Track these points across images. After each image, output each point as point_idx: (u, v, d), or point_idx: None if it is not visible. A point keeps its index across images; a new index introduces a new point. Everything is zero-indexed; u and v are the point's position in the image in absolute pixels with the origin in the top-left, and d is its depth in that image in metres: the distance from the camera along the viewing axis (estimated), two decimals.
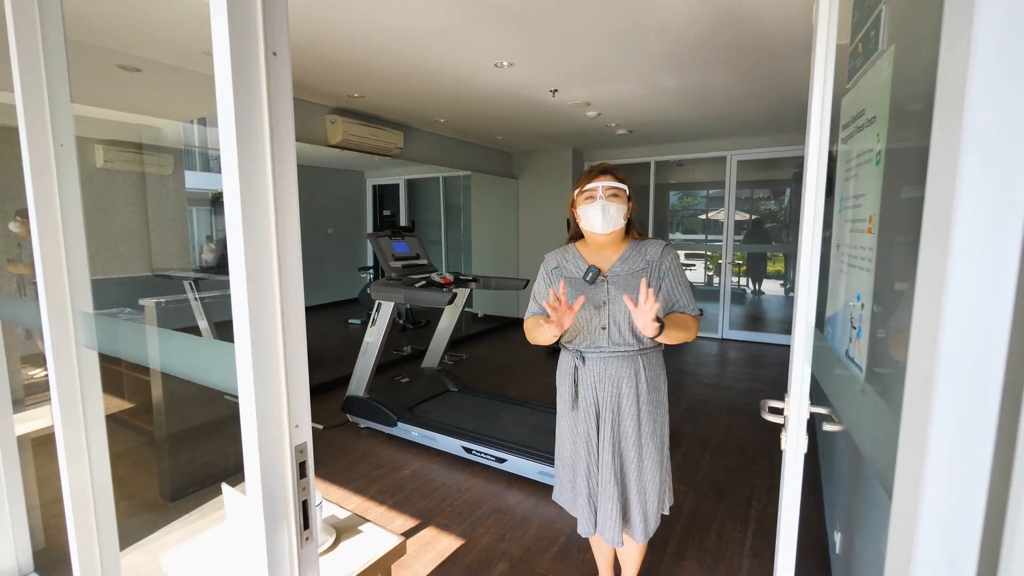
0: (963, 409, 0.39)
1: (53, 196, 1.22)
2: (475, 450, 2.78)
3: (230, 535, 1.25)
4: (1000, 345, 0.36)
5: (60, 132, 1.21)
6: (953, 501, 0.40)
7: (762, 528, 2.22)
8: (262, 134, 0.71)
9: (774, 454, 2.97)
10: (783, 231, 6.75)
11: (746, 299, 7.35)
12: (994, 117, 0.36)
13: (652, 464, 1.48)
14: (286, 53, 0.74)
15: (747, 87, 3.54)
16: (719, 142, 5.67)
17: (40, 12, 1.16)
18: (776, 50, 2.78)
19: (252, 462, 0.76)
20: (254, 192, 0.71)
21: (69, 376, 1.28)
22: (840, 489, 1.78)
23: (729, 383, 4.30)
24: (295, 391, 0.79)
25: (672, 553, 2.05)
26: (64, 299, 1.25)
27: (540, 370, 4.71)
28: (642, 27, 2.47)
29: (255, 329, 0.73)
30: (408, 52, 2.80)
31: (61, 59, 1.19)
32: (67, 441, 1.29)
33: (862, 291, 0.77)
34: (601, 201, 1.39)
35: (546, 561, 2.01)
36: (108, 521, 1.38)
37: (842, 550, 1.64)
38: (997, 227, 0.35)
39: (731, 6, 2.23)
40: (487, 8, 2.25)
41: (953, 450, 0.40)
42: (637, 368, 1.42)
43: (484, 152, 6.11)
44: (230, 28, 0.67)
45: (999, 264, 0.36)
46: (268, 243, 0.74)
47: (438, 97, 3.76)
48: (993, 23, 0.36)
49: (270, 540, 0.78)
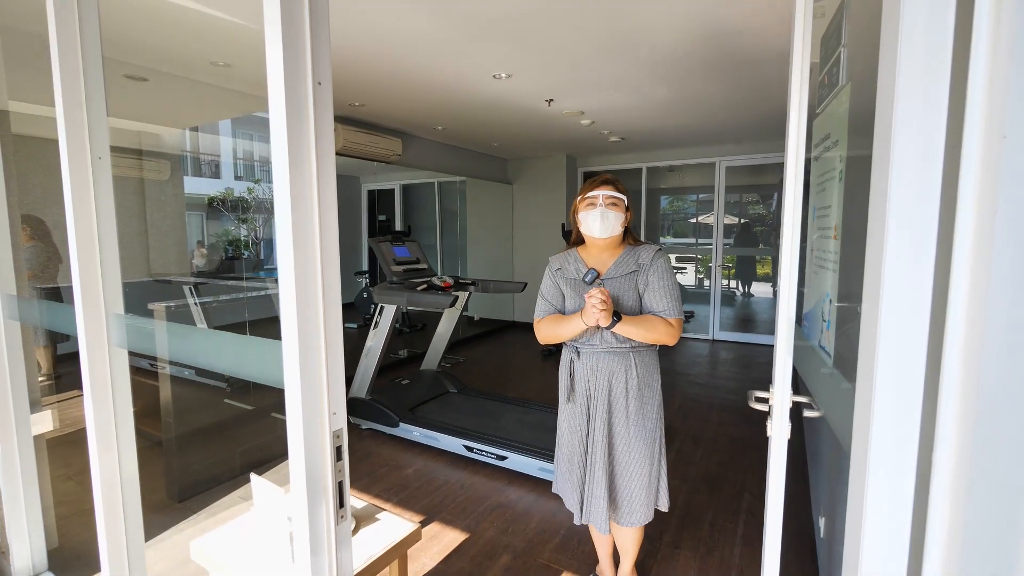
0: (898, 380, 0.50)
1: (90, 204, 1.30)
2: (476, 448, 2.87)
3: (257, 522, 1.33)
4: (922, 327, 0.47)
5: (97, 145, 1.29)
6: (894, 445, 0.51)
7: (753, 518, 2.33)
8: (310, 154, 0.81)
9: (763, 448, 3.08)
10: (771, 234, 6.92)
11: (736, 301, 7.51)
12: (913, 135, 0.47)
13: (639, 456, 1.56)
14: (328, 82, 0.84)
15: (733, 97, 3.68)
16: (708, 149, 5.83)
17: (81, 31, 1.24)
18: (758, 63, 2.92)
19: (297, 445, 0.86)
20: (302, 205, 0.81)
21: (102, 374, 1.36)
22: (823, 477, 1.90)
23: (720, 382, 4.43)
24: (334, 381, 0.88)
25: (668, 543, 2.15)
26: (99, 301, 1.33)
27: (536, 371, 4.81)
28: (634, 42, 2.59)
29: (301, 326, 0.83)
30: (410, 64, 2.90)
31: (99, 76, 1.28)
32: (99, 436, 1.37)
33: (830, 289, 0.87)
34: (601, 208, 1.50)
35: (548, 552, 2.11)
36: (135, 513, 1.46)
37: (826, 534, 1.75)
38: (921, 225, 0.46)
39: (716, 23, 2.36)
40: (488, 24, 2.36)
41: (892, 413, 0.51)
42: (628, 365, 1.53)
43: (480, 158, 6.22)
44: (284, 60, 0.77)
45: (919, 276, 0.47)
46: (313, 250, 0.83)
47: (437, 106, 3.87)
48: (913, 66, 0.47)
49: (312, 517, 0.87)
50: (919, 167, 0.46)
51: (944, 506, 0.45)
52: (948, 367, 0.43)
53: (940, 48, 0.45)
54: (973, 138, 0.39)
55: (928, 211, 0.46)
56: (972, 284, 0.41)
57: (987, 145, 0.38)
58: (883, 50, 0.51)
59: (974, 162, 0.40)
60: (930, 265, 0.46)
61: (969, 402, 0.42)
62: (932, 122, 0.45)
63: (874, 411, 0.49)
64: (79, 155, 1.27)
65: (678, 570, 1.99)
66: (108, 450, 1.39)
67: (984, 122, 0.39)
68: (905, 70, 0.46)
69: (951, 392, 0.43)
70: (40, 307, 1.89)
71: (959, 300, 0.41)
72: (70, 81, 1.25)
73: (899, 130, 0.47)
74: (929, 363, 0.47)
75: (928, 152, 0.46)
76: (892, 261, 0.47)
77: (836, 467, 1.57)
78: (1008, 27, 0.38)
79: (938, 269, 0.45)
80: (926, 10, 0.45)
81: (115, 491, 1.41)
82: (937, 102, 0.45)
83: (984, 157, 0.39)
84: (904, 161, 0.47)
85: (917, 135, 0.46)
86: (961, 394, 0.42)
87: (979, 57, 0.40)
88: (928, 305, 0.46)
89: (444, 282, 3.34)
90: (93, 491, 1.39)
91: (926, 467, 0.47)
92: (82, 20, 1.25)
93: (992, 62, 0.39)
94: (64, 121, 1.24)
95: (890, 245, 0.47)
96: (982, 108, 0.39)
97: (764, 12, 2.25)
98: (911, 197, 0.47)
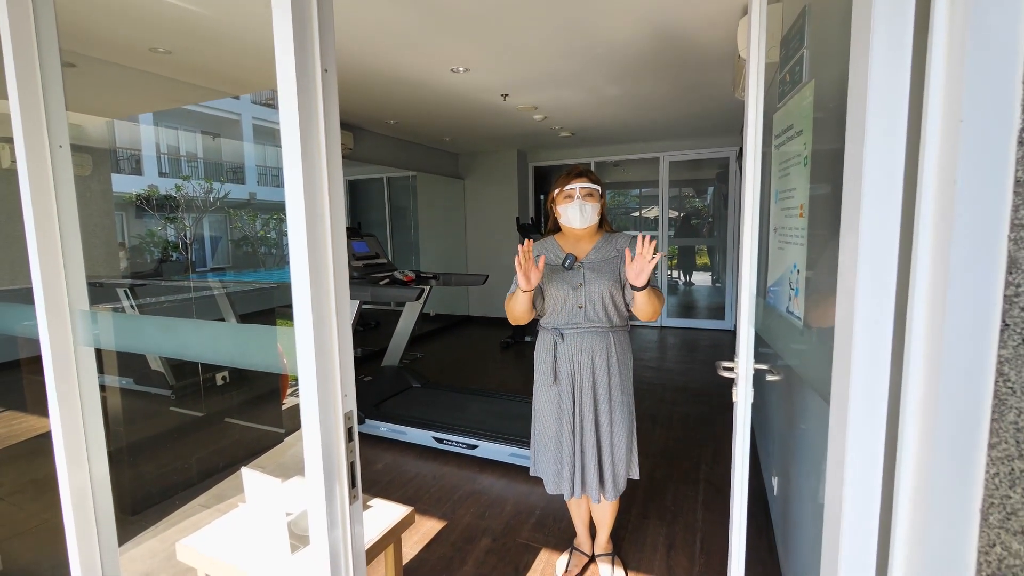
0: (872, 331, 0.60)
1: (50, 195, 1.23)
2: (446, 439, 2.90)
3: (248, 518, 1.31)
4: (890, 283, 0.57)
5: (56, 134, 1.22)
6: (868, 391, 0.61)
7: (710, 486, 2.52)
8: (319, 141, 0.83)
9: (713, 424, 3.32)
10: (706, 227, 7.36)
11: (679, 290, 7.91)
12: (882, 126, 0.57)
13: (621, 429, 1.68)
14: (334, 70, 0.86)
15: (679, 95, 3.90)
16: (653, 144, 6.10)
17: (35, 16, 1.17)
18: (704, 64, 3.12)
19: (312, 426, 0.87)
20: (314, 192, 0.83)
21: (67, 374, 1.28)
22: (775, 440, 2.09)
23: (670, 365, 4.68)
24: (345, 364, 0.91)
25: (637, 514, 2.29)
26: (62, 298, 1.26)
27: (496, 363, 4.88)
28: (591, 41, 2.70)
29: (315, 310, 0.84)
30: (367, 54, 2.86)
31: (55, 60, 1.21)
32: (66, 440, 1.30)
33: (798, 261, 1.00)
34: (579, 201, 1.59)
35: (526, 532, 2.19)
36: (107, 519, 1.39)
37: (779, 492, 1.94)
38: (888, 202, 0.56)
39: (667, 26, 2.51)
40: (450, 16, 2.38)
41: (867, 357, 0.61)
42: (609, 343, 1.63)
43: (432, 153, 6.19)
44: (295, 48, 0.78)
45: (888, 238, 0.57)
46: (325, 236, 0.85)
47: (392, 99, 3.83)
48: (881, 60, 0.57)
49: (328, 496, 0.90)
50: (887, 147, 0.56)
51: (913, 428, 0.55)
52: (915, 307, 0.53)
53: (902, 45, 0.55)
54: (934, 123, 0.50)
55: (894, 186, 0.56)
56: (934, 244, 0.51)
57: (946, 127, 0.49)
58: (853, 50, 0.61)
59: (935, 143, 0.50)
60: (896, 228, 0.56)
61: (933, 343, 0.52)
62: (896, 109, 0.56)
63: (854, 351, 0.59)
64: (37, 145, 1.20)
65: (648, 537, 2.12)
66: (77, 453, 1.32)
67: (943, 110, 0.49)
68: (875, 66, 0.56)
69: (919, 327, 0.53)
70: None
71: (924, 251, 0.52)
72: (25, 66, 1.17)
73: (871, 118, 0.57)
74: (897, 310, 0.58)
75: (893, 134, 0.56)
76: (866, 229, 0.57)
77: (789, 429, 1.74)
78: (961, 24, 0.48)
79: (903, 229, 0.56)
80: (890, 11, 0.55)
81: (86, 497, 1.34)
82: (900, 92, 0.55)
83: (944, 137, 0.49)
84: (874, 143, 0.57)
85: (885, 121, 0.56)
86: (927, 327, 0.52)
87: (937, 56, 0.50)
88: (895, 262, 0.57)
89: (406, 276, 3.33)
90: (61, 498, 1.31)
91: (897, 392, 0.58)
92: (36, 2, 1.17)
93: (948, 59, 0.49)
94: (19, 109, 1.16)
95: (865, 211, 0.57)
96: (941, 100, 0.49)
97: (710, 18, 2.41)
98: (880, 173, 0.57)
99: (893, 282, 0.58)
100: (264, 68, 3.12)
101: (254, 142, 12.67)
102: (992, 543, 0.49)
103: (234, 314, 4.62)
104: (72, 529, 1.32)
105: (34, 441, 3.25)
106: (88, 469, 1.34)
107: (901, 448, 0.56)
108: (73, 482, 1.31)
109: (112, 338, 1.30)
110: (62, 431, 1.28)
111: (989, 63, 0.46)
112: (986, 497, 0.49)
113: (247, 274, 10.08)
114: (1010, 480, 0.48)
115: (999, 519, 0.49)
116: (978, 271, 0.47)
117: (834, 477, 0.67)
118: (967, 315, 0.48)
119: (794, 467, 1.64)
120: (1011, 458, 0.48)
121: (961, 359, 0.49)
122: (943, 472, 0.51)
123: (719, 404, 3.63)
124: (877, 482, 0.63)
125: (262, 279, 9.22)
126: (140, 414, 3.86)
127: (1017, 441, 0.48)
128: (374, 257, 3.58)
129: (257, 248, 10.53)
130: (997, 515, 0.49)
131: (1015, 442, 0.48)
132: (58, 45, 1.20)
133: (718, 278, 7.55)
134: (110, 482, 1.31)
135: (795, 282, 1.01)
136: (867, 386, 0.61)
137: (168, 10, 2.28)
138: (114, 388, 3.97)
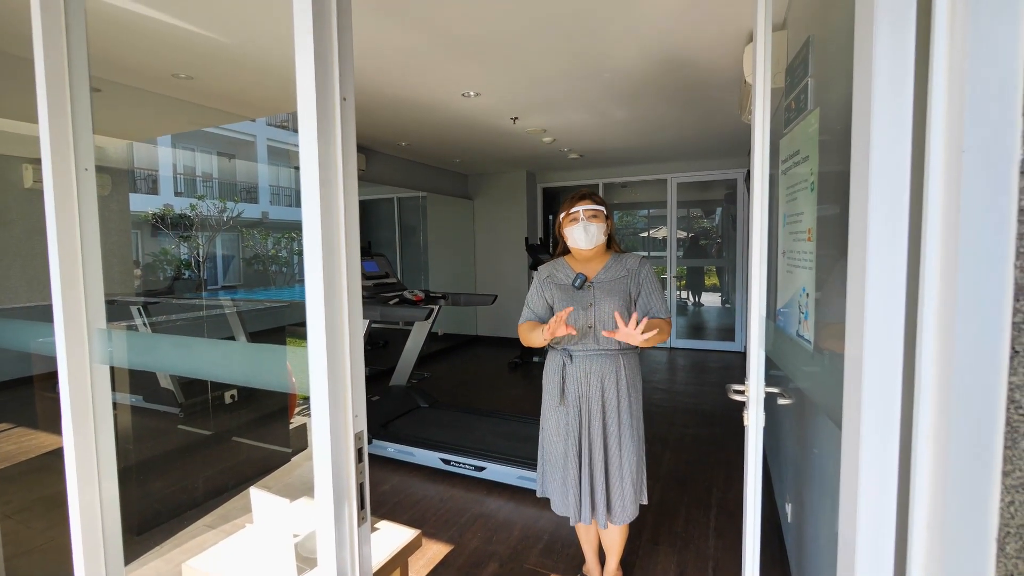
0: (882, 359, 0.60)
1: (74, 217, 1.26)
2: (453, 461, 2.87)
3: (256, 539, 1.31)
4: (898, 311, 0.58)
5: (83, 158, 1.26)
6: (880, 419, 0.61)
7: (722, 512, 2.47)
8: (337, 168, 0.85)
9: (725, 447, 3.27)
10: (715, 247, 7.35)
11: (688, 311, 7.87)
12: (886, 150, 0.58)
13: (630, 453, 1.67)
14: (352, 98, 0.89)
15: (686, 118, 3.95)
16: (660, 165, 6.15)
17: (68, 39, 1.22)
18: (711, 88, 3.17)
19: (323, 447, 0.88)
20: (330, 216, 0.85)
21: (82, 391, 1.30)
22: (788, 465, 2.05)
23: (680, 387, 4.63)
24: (356, 384, 0.92)
25: (647, 540, 2.24)
26: (80, 316, 1.29)
27: (504, 383, 4.85)
28: (598, 67, 2.76)
29: (329, 332, 0.86)
30: (380, 79, 2.94)
31: (84, 84, 1.27)
32: (78, 458, 1.31)
33: (806, 284, 1.00)
34: (583, 222, 1.61)
35: (534, 557, 2.15)
36: (114, 538, 1.39)
37: (793, 519, 1.89)
38: (894, 231, 0.57)
39: (673, 52, 2.57)
40: (459, 43, 2.45)
41: (878, 384, 0.61)
42: (619, 366, 1.63)
43: (442, 174, 6.28)
44: (316, 78, 0.81)
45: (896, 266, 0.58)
46: (340, 259, 0.87)
47: (404, 122, 3.91)
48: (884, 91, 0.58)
49: (337, 517, 0.90)
50: (892, 175, 0.57)
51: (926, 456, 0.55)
52: (924, 335, 0.54)
53: (904, 75, 0.56)
54: (937, 153, 0.51)
55: (900, 212, 0.57)
56: (941, 272, 0.52)
57: (949, 158, 0.50)
58: (856, 81, 0.62)
59: (939, 171, 0.51)
60: (903, 252, 0.57)
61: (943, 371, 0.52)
62: (900, 140, 0.57)
63: (864, 378, 0.59)
64: (64, 167, 1.24)
65: (659, 564, 2.08)
66: (88, 471, 1.33)
67: (945, 141, 0.50)
68: (878, 95, 0.57)
69: (928, 355, 0.53)
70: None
71: (932, 280, 0.52)
72: (56, 90, 1.22)
73: (875, 149, 0.58)
74: (907, 337, 0.58)
75: (898, 164, 0.57)
76: (873, 253, 0.58)
77: (803, 455, 1.71)
78: (961, 54, 0.50)
79: (911, 257, 0.56)
80: (891, 47, 0.57)
81: (95, 515, 1.35)
82: (903, 123, 0.56)
83: (947, 167, 0.50)
84: (879, 172, 0.58)
85: (888, 152, 0.57)
86: (937, 354, 0.53)
87: (938, 86, 0.51)
88: (903, 290, 0.57)
89: (415, 295, 3.35)
90: (70, 516, 1.32)
91: (908, 419, 0.58)
92: (69, 27, 1.23)
93: (948, 90, 0.51)
94: (49, 131, 1.21)
95: (872, 241, 0.58)
96: (943, 131, 0.50)
97: (716, 44, 2.46)
98: (886, 200, 0.58)
99: (902, 309, 0.58)
100: (283, 92, 3.22)
101: (268, 163, 12.94)
102: (1010, 573, 0.48)
103: (244, 332, 4.66)
104: (79, 547, 1.32)
105: (43, 458, 3.27)
106: (98, 487, 1.35)
107: (914, 477, 0.56)
108: (83, 500, 1.32)
109: (125, 356, 1.32)
110: (74, 448, 1.29)
111: (990, 94, 0.47)
112: (1002, 526, 0.48)
113: (258, 292, 10.18)
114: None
115: (1016, 549, 0.48)
116: (985, 298, 0.48)
117: (847, 506, 0.66)
118: (976, 342, 0.48)
119: (808, 494, 1.61)
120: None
121: (972, 386, 0.49)
122: (957, 502, 0.50)
123: (731, 427, 3.58)
124: (891, 512, 0.62)
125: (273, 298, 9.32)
126: (149, 432, 3.88)
127: None
128: (384, 276, 3.61)
129: (268, 267, 10.66)
130: (1014, 545, 0.48)
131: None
132: (88, 72, 1.26)
133: (728, 299, 7.51)
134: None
135: (804, 305, 1.01)
136: (879, 414, 0.61)
137: (192, 38, 2.37)
138: (124, 405, 4.00)
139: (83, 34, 1.23)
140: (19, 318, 2.00)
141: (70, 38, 1.22)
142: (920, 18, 0.55)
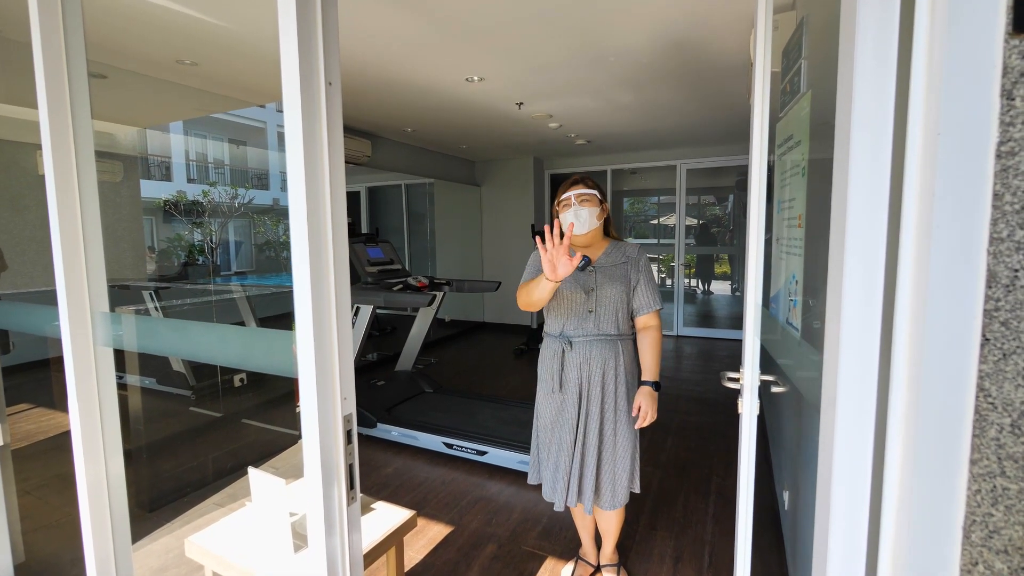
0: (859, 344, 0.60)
1: (75, 203, 1.29)
2: (456, 445, 2.91)
3: (257, 515, 1.34)
4: (876, 296, 0.57)
5: (82, 143, 1.28)
6: (855, 405, 0.61)
7: (721, 499, 2.48)
8: (322, 152, 0.86)
9: (728, 435, 3.26)
10: (727, 234, 7.26)
11: (697, 299, 7.81)
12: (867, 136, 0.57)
13: (625, 440, 1.67)
14: (338, 83, 0.89)
15: (694, 103, 3.88)
16: (669, 151, 6.06)
17: (64, 28, 1.23)
18: (719, 72, 3.10)
19: (311, 428, 0.90)
20: (316, 201, 0.85)
21: (87, 373, 1.34)
22: (786, 454, 2.05)
23: (685, 375, 4.62)
24: (344, 367, 0.93)
25: (644, 525, 2.26)
26: (83, 300, 1.32)
27: (509, 370, 4.88)
28: (603, 50, 2.71)
29: (316, 314, 0.87)
30: (385, 64, 2.93)
31: (82, 72, 1.27)
32: (84, 437, 1.35)
33: (796, 272, 0.99)
34: (575, 207, 1.60)
35: (532, 539, 2.18)
36: (121, 515, 1.44)
37: (790, 507, 1.89)
38: (873, 214, 0.56)
39: (680, 36, 2.51)
40: (463, 27, 2.42)
41: (855, 370, 0.61)
42: (617, 352, 1.63)
43: (448, 160, 6.26)
44: (300, 62, 0.81)
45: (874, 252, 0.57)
46: (326, 243, 0.88)
47: (409, 107, 3.89)
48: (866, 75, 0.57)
49: (326, 498, 0.92)
50: (872, 160, 0.56)
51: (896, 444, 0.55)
52: (898, 321, 0.53)
53: (887, 60, 0.55)
54: (915, 135, 0.49)
55: (879, 200, 0.56)
56: (916, 260, 0.51)
57: (925, 140, 0.48)
58: (841, 63, 0.61)
59: (916, 154, 0.50)
60: (882, 236, 0.56)
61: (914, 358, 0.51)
62: (881, 122, 0.56)
63: (840, 364, 0.59)
64: (63, 153, 1.26)
65: (655, 549, 2.10)
66: (94, 450, 1.37)
67: (923, 123, 0.49)
68: (859, 78, 0.56)
69: (902, 341, 0.53)
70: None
71: (906, 265, 0.51)
72: (54, 78, 1.23)
73: (856, 132, 0.57)
74: (884, 323, 0.57)
75: (878, 146, 0.56)
76: (853, 242, 0.57)
77: (798, 443, 1.71)
78: (940, 45, 0.48)
79: (889, 241, 0.55)
80: (875, 28, 0.55)
81: (101, 493, 1.39)
82: (885, 105, 0.55)
83: (924, 150, 0.49)
84: (860, 155, 0.57)
85: (870, 133, 0.56)
86: (910, 340, 0.52)
87: (919, 72, 0.50)
88: (881, 278, 0.56)
89: (419, 282, 3.37)
90: (78, 494, 1.36)
91: (883, 407, 0.57)
92: (65, 12, 1.24)
93: (928, 76, 0.49)
94: (48, 118, 1.23)
95: (850, 226, 0.57)
96: (922, 113, 0.49)
97: (724, 27, 2.40)
98: (866, 186, 0.56)
99: (880, 297, 0.58)
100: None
101: (278, 150, 12.99)
102: (975, 561, 0.48)
103: (254, 317, 4.73)
104: (88, 523, 1.37)
105: (60, 437, 3.37)
106: (104, 465, 1.39)
107: (887, 464, 0.56)
108: (89, 478, 1.36)
109: (130, 339, 1.35)
110: (80, 428, 1.33)
111: (966, 76, 0.46)
112: (968, 515, 0.48)
113: (269, 278, 10.29)
114: (992, 498, 0.47)
115: (981, 537, 0.48)
116: (957, 285, 0.47)
117: (823, 492, 0.66)
118: (947, 329, 0.48)
119: (803, 482, 1.61)
120: (993, 475, 0.47)
121: (941, 374, 0.48)
122: (925, 489, 0.50)
123: (734, 415, 3.57)
124: (865, 497, 0.62)
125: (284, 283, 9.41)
126: (161, 413, 3.97)
127: (999, 458, 0.47)
128: (389, 263, 3.63)
129: (279, 252, 10.75)
130: (979, 533, 0.48)
131: (997, 459, 0.47)
132: (86, 58, 1.27)
133: (738, 287, 7.44)
134: (130, 479, 1.37)
135: (794, 293, 1.00)
136: (854, 400, 0.60)
137: (193, 24, 2.37)
138: (136, 388, 4.10)
139: (79, 19, 1.24)
140: (35, 302, 2.05)
141: (67, 23, 1.23)
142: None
